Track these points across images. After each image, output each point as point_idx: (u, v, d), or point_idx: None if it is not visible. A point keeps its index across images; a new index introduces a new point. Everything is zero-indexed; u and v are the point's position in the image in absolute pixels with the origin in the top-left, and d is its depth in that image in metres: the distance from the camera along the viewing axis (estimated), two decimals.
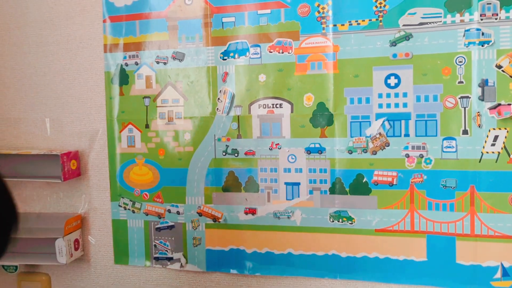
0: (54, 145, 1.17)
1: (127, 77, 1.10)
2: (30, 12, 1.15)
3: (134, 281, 1.14)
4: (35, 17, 1.15)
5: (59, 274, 1.19)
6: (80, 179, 1.15)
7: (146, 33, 1.08)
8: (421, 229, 0.96)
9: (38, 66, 1.17)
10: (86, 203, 1.16)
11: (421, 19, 0.93)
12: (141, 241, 1.12)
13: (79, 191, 1.16)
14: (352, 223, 0.99)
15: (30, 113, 1.18)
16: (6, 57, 1.18)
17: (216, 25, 1.04)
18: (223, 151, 1.05)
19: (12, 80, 1.18)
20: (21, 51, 1.17)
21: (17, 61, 1.18)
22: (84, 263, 1.17)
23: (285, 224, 1.03)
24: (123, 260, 1.14)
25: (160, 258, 1.11)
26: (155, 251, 1.12)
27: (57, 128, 1.16)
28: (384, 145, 0.96)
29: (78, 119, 1.15)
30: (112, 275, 1.15)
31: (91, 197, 1.15)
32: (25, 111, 1.18)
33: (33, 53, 1.17)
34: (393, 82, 0.95)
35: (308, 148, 1.01)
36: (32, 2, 1.15)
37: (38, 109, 1.18)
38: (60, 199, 1.17)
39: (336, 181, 0.99)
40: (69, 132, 1.16)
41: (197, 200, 1.08)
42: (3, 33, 1.18)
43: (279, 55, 1.01)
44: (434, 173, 0.94)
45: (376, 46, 0.95)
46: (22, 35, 1.17)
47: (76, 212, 1.16)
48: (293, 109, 1.01)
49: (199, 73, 1.06)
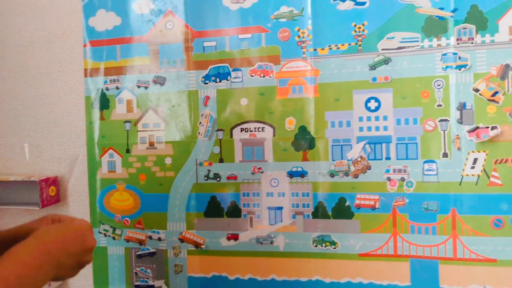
0: (33, 171, 1.15)
1: (107, 102, 1.10)
2: (10, 36, 1.15)
3: None
4: (15, 41, 1.15)
5: None
6: (59, 205, 1.13)
7: (127, 57, 1.09)
8: (404, 253, 0.95)
9: (18, 91, 1.16)
10: None
11: (399, 43, 0.94)
12: (121, 269, 1.10)
13: None
14: (336, 247, 0.99)
15: (9, 138, 1.17)
16: None
17: (197, 49, 1.05)
18: (205, 176, 1.05)
19: None
20: (0, 76, 1.16)
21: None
22: None
23: (268, 250, 1.02)
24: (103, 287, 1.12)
25: (141, 286, 1.09)
26: (136, 279, 1.10)
27: (36, 154, 1.15)
28: (366, 169, 0.97)
29: (58, 144, 1.14)
30: None
31: None
32: (3, 136, 1.17)
33: (12, 77, 1.16)
34: (373, 105, 0.96)
35: (290, 171, 1.01)
36: (12, 26, 1.15)
37: (17, 134, 1.16)
38: None
39: (319, 205, 0.99)
40: (48, 157, 1.15)
41: (178, 226, 1.07)
42: None
43: (261, 79, 1.02)
44: (416, 196, 0.94)
45: (356, 70, 0.97)
46: (2, 59, 1.16)
47: None
48: (275, 133, 1.01)
49: (181, 97, 1.06)
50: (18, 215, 1.16)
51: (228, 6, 1.02)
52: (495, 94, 0.89)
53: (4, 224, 1.16)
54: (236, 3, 1.02)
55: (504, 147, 0.89)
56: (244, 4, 1.02)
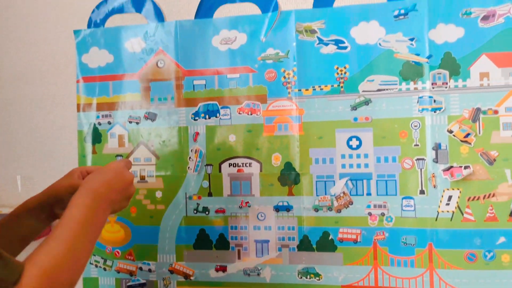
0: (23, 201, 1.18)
1: (100, 136, 1.13)
2: (4, 68, 1.18)
3: None
4: (9, 74, 1.18)
5: None
6: None
7: (119, 93, 1.12)
8: (385, 285, 1.00)
9: (11, 123, 1.19)
10: None
11: (379, 86, 1.00)
12: None
13: None
14: (319, 279, 1.03)
15: (1, 170, 1.19)
16: None
17: (187, 87, 1.09)
18: (194, 209, 1.09)
19: None
20: None
21: None
22: None
23: (255, 281, 1.06)
24: None
25: None
26: None
27: (29, 185, 1.18)
28: (348, 204, 1.02)
29: (50, 176, 1.16)
30: None
31: None
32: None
33: (5, 109, 1.19)
34: (355, 143, 1.02)
35: (276, 206, 1.05)
36: (7, 59, 1.18)
37: (10, 166, 1.19)
38: None
39: (304, 238, 1.04)
40: (40, 189, 1.16)
41: (168, 257, 1.10)
42: None
43: (248, 117, 1.06)
44: (395, 230, 0.99)
45: (338, 110, 1.02)
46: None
47: None
48: (262, 168, 1.06)
49: (171, 132, 1.10)
50: None
51: (217, 47, 1.07)
52: (468, 136, 0.95)
53: None
54: (225, 44, 1.07)
55: (476, 185, 0.95)
56: (232, 45, 1.07)
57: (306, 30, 1.03)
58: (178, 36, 1.09)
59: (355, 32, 1.00)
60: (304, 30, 1.03)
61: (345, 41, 1.01)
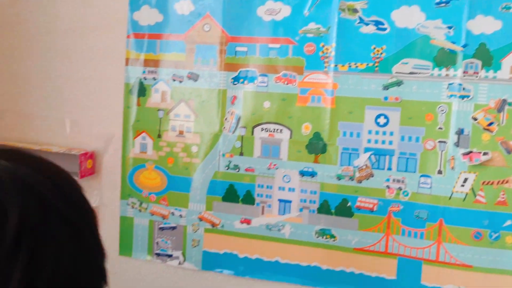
0: (72, 144, 1.24)
1: (144, 90, 1.18)
2: (60, 21, 1.21)
3: (136, 272, 1.23)
4: (65, 26, 1.21)
5: None
6: (94, 177, 1.23)
7: (165, 52, 1.15)
8: (394, 252, 1.05)
9: (63, 71, 1.23)
10: (98, 199, 1.24)
11: (412, 69, 1.01)
12: (144, 238, 1.21)
13: (92, 188, 1.23)
14: (334, 240, 1.09)
15: (52, 112, 1.25)
16: (35, 60, 1.24)
17: (230, 53, 1.12)
18: (225, 166, 1.14)
19: (38, 80, 1.25)
20: (49, 56, 1.23)
21: (44, 64, 1.24)
22: None
23: (275, 236, 1.12)
24: (127, 252, 1.22)
25: (161, 254, 1.20)
26: (156, 248, 1.20)
27: (76, 129, 1.23)
28: (369, 176, 1.06)
29: (96, 122, 1.22)
30: (116, 265, 1.23)
31: (102, 194, 1.23)
32: (47, 109, 1.25)
33: (59, 58, 1.23)
34: (382, 121, 1.04)
35: (302, 171, 1.09)
36: (63, 12, 1.21)
37: (60, 109, 1.24)
38: None
39: (324, 203, 1.09)
40: (86, 133, 1.23)
41: (198, 206, 1.16)
42: (34, 37, 1.24)
43: (284, 86, 1.09)
44: (410, 204, 1.04)
45: (371, 88, 1.04)
46: (51, 41, 1.23)
47: None
48: (292, 135, 1.10)
49: (211, 94, 1.13)
50: None
51: (262, 17, 1.09)
52: (491, 124, 0.97)
53: None
54: (269, 14, 1.08)
55: (492, 171, 0.98)
56: (276, 17, 1.08)
57: (348, 8, 1.03)
58: (226, 2, 1.10)
59: (396, 15, 1.01)
60: (346, 8, 1.03)
61: (385, 23, 1.01)
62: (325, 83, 1.06)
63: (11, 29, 1.25)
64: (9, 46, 1.26)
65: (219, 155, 1.14)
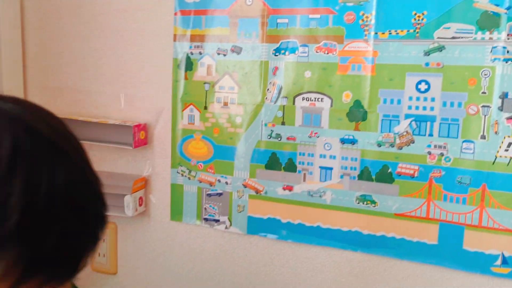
0: (126, 117, 1.33)
1: (191, 64, 1.24)
2: (112, 2, 1.30)
3: (186, 236, 1.31)
4: (116, 6, 1.30)
5: (124, 225, 1.38)
6: (146, 147, 1.32)
7: (210, 27, 1.21)
8: (435, 217, 1.06)
9: (117, 49, 1.32)
10: (150, 168, 1.33)
11: (454, 34, 1.01)
12: (193, 204, 1.29)
13: (144, 157, 1.33)
14: (375, 206, 1.11)
15: (108, 88, 1.34)
16: (91, 39, 1.34)
17: (271, 25, 1.15)
18: (268, 135, 1.19)
19: (94, 58, 1.34)
20: (104, 35, 1.33)
21: (100, 43, 1.33)
22: (145, 217, 1.35)
23: (317, 202, 1.16)
24: (178, 217, 1.31)
25: (209, 219, 1.28)
26: (205, 213, 1.28)
27: (130, 103, 1.32)
28: (410, 142, 1.07)
29: (148, 96, 1.31)
30: (168, 229, 1.33)
31: (154, 163, 1.32)
32: (103, 85, 1.35)
33: (113, 37, 1.32)
34: (423, 87, 1.04)
35: (342, 139, 1.12)
36: None
37: (115, 85, 1.34)
38: (129, 163, 1.35)
39: (364, 169, 1.11)
40: (139, 107, 1.32)
41: (243, 174, 1.22)
42: (90, 18, 1.33)
43: (324, 55, 1.11)
44: (452, 170, 1.04)
45: (411, 54, 1.04)
46: (105, 21, 1.32)
47: (142, 174, 1.33)
48: (332, 104, 1.12)
49: (253, 65, 1.18)
50: (112, 152, 1.35)
51: None
52: None
53: (101, 158, 1.36)
54: None
55: None
56: None
57: None
58: None
59: None
60: None
61: None
62: (365, 51, 1.08)
63: (71, 12, 1.35)
64: (69, 28, 1.36)
65: (261, 125, 1.19)
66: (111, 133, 1.33)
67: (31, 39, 1.41)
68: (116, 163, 1.36)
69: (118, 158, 1.35)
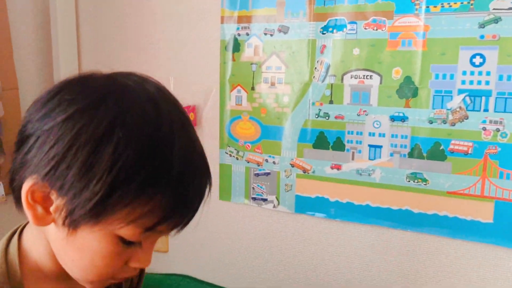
0: None
1: (238, 46, 1.26)
2: None
3: (235, 215, 1.35)
4: None
5: None
6: (196, 128, 1.34)
7: (257, 7, 1.22)
8: (490, 195, 1.04)
9: (166, 33, 1.36)
10: None
11: (511, 4, 0.97)
12: (242, 183, 1.32)
13: None
14: (426, 184, 1.10)
15: (158, 71, 1.38)
16: (142, 26, 1.39)
17: (319, 3, 1.15)
18: (315, 114, 1.19)
19: (145, 43, 1.40)
20: (153, 21, 1.37)
21: (150, 29, 1.38)
22: None
23: (366, 180, 1.16)
24: (226, 197, 1.34)
25: (257, 198, 1.30)
26: (252, 192, 1.31)
27: (179, 85, 1.36)
28: (463, 118, 1.04)
29: (196, 78, 1.34)
30: (217, 208, 1.37)
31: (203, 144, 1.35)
32: (153, 69, 1.39)
33: (162, 21, 1.36)
34: (478, 61, 1.01)
35: (392, 116, 1.11)
36: None
37: (165, 68, 1.38)
38: None
39: (415, 147, 1.10)
40: (188, 89, 1.36)
41: (290, 153, 1.24)
42: (141, 3, 1.38)
43: (373, 32, 1.10)
44: (509, 146, 1.01)
45: (465, 27, 1.01)
46: (155, 6, 1.36)
47: None
48: (382, 81, 1.11)
49: (300, 45, 1.19)
50: None
51: None
52: None
53: None
54: None
55: None
56: None
57: None
58: None
59: None
60: None
61: None
62: (416, 26, 1.06)
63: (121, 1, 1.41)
64: (121, 14, 1.42)
65: (309, 104, 1.20)
66: None
67: (85, 27, 1.48)
68: None
69: None
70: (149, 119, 0.48)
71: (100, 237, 0.49)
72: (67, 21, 1.45)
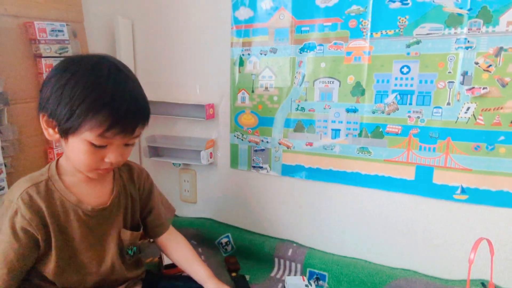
0: (200, 99, 1.40)
1: (243, 62, 1.29)
2: (186, 22, 1.36)
3: (241, 177, 1.38)
4: (187, 26, 1.34)
5: (201, 170, 1.47)
6: (214, 119, 1.39)
7: (256, 36, 1.25)
8: (413, 162, 1.08)
9: (192, 55, 1.38)
10: (217, 133, 1.40)
11: (428, 31, 1.00)
12: (245, 157, 1.36)
13: (213, 126, 1.40)
14: (370, 155, 1.14)
15: (188, 81, 1.41)
16: (180, 51, 1.41)
17: (297, 32, 1.18)
18: (295, 108, 1.23)
19: (178, 61, 1.41)
20: (186, 47, 1.39)
21: (183, 52, 1.40)
22: (214, 165, 1.43)
23: (329, 153, 1.20)
24: (235, 166, 1.38)
25: (256, 166, 1.34)
26: (253, 163, 1.34)
27: (203, 90, 1.39)
28: (395, 110, 1.08)
29: (214, 85, 1.37)
30: (229, 173, 1.40)
31: (219, 130, 1.40)
32: (185, 79, 1.41)
33: (188, 47, 1.38)
34: (405, 70, 1.05)
35: (347, 109, 1.15)
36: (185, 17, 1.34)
37: (191, 78, 1.40)
38: (202, 130, 1.42)
39: (363, 130, 1.13)
40: (209, 92, 1.39)
41: (278, 135, 1.28)
42: (178, 36, 1.40)
43: (335, 51, 1.14)
44: (425, 128, 1.05)
45: (397, 47, 1.05)
46: (188, 37, 1.39)
47: (211, 137, 1.41)
48: (340, 85, 1.15)
49: (285, 61, 1.22)
50: (191, 123, 1.43)
51: (319, 5, 1.13)
52: (489, 66, 0.94)
53: (183, 127, 1.44)
54: (324, 3, 1.13)
55: (490, 101, 0.95)
56: (329, 3, 1.12)
57: None
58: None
59: None
60: None
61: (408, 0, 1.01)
62: (364, 47, 1.09)
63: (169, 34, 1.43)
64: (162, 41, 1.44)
65: (291, 102, 1.23)
66: (191, 110, 1.41)
67: (139, 49, 1.51)
68: (194, 130, 1.44)
69: (196, 127, 1.44)
70: (95, 70, 0.61)
71: (79, 141, 0.62)
72: (127, 49, 1.47)
